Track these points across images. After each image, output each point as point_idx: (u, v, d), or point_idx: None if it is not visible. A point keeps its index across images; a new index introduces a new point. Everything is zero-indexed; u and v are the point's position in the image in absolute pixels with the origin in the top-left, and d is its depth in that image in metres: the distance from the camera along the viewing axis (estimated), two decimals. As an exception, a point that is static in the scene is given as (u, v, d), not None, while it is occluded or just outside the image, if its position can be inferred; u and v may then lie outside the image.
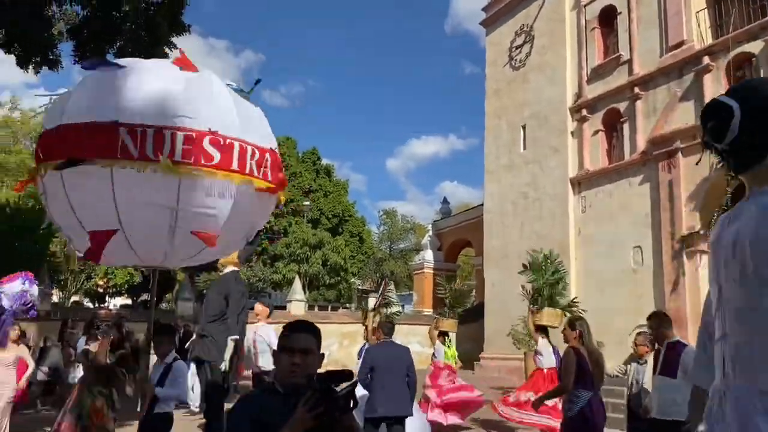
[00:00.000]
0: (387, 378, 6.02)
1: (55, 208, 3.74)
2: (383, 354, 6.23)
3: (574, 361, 5.18)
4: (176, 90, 3.63)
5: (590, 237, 15.88)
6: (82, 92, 3.62)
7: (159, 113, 3.49)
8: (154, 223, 3.65)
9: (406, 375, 6.11)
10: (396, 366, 6.13)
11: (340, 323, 19.93)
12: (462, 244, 26.34)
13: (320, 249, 29.29)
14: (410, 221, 54.54)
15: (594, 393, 5.11)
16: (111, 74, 3.60)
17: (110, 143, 3.35)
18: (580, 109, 16.59)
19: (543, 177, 17.41)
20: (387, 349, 6.30)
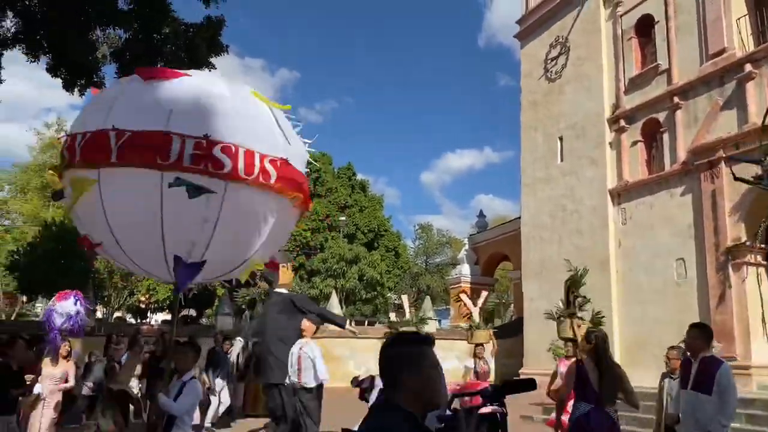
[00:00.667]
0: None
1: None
2: None
3: (573, 373, 5.34)
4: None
5: (631, 249, 15.58)
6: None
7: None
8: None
9: None
10: None
11: (378, 338, 19.87)
12: (499, 257, 26.11)
13: (356, 264, 29.37)
14: (446, 235, 54.49)
15: (596, 407, 5.01)
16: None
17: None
18: (618, 119, 16.36)
19: (581, 189, 17.19)
20: None
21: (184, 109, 3.54)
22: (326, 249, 32.01)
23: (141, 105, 3.61)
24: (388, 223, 37.86)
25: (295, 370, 7.49)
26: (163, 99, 3.58)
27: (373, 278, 28.97)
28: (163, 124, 3.45)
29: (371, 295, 30.02)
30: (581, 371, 5.26)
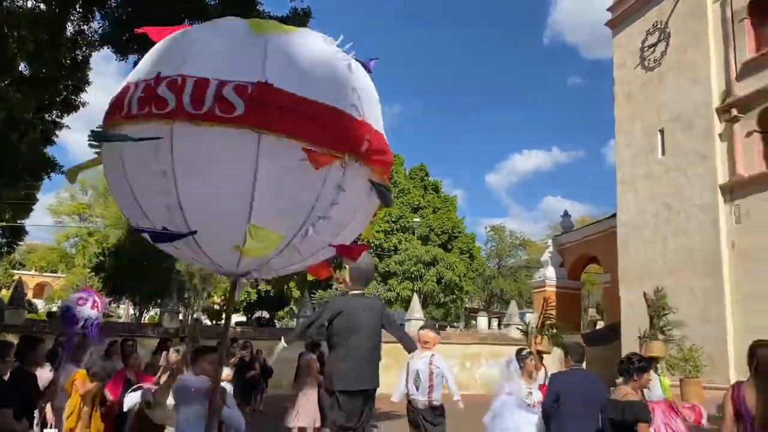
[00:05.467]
0: (572, 409, 5.12)
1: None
2: (571, 382, 5.33)
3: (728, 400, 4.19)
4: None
5: (748, 250, 14.17)
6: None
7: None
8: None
9: (600, 411, 5.20)
10: (585, 397, 5.20)
11: (462, 344, 19.11)
12: (586, 260, 24.77)
13: (434, 266, 28.60)
14: (519, 237, 52.94)
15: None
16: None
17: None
18: (729, 109, 14.97)
19: (687, 185, 15.85)
20: (575, 376, 5.41)
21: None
22: (401, 251, 31.38)
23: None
24: (461, 225, 36.88)
25: (425, 387, 6.78)
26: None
27: (451, 281, 28.11)
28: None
29: (450, 299, 29.19)
30: (737, 397, 4.19)
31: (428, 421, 6.72)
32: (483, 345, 19.65)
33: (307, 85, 2.77)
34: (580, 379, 5.32)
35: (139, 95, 2.77)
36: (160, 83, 2.74)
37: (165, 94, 2.68)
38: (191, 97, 2.64)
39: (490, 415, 6.39)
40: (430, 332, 7.04)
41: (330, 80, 2.91)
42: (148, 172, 2.81)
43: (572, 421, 5.11)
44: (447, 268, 28.42)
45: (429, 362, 6.79)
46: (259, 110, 2.64)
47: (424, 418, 6.73)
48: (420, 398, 6.75)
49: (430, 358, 6.83)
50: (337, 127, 2.78)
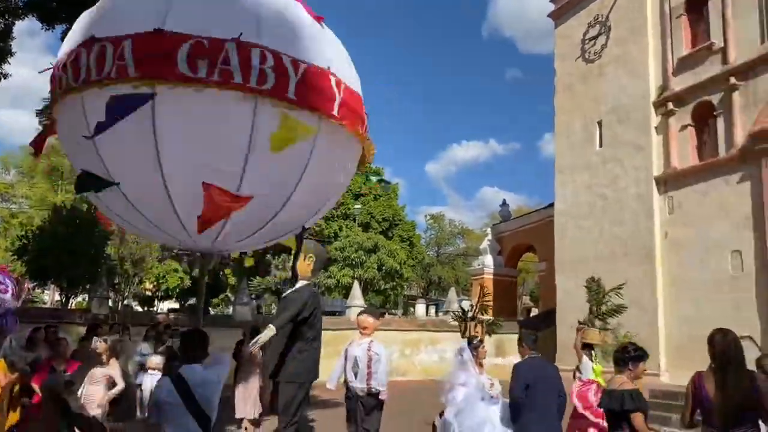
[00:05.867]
0: (541, 399, 5.18)
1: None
2: (537, 371, 5.34)
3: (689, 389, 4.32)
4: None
5: (679, 241, 14.64)
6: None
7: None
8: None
9: (558, 397, 5.28)
10: (550, 386, 5.27)
11: (402, 330, 19.06)
12: (524, 248, 25.21)
13: (375, 253, 28.51)
14: (458, 226, 53.60)
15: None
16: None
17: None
18: (665, 102, 15.37)
19: (623, 176, 16.23)
20: (538, 365, 5.40)
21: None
22: (341, 237, 31.13)
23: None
24: (402, 213, 36.94)
25: (364, 374, 6.56)
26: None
27: (392, 268, 28.09)
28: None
29: (390, 286, 29.18)
30: (698, 387, 4.19)
31: (365, 408, 6.52)
32: (423, 332, 19.69)
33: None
34: (543, 368, 5.38)
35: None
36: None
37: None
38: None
39: (452, 410, 6.23)
40: (369, 317, 6.82)
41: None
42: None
43: (541, 410, 5.15)
44: (388, 256, 28.38)
45: (368, 348, 6.58)
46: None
47: (362, 405, 6.53)
48: (358, 385, 6.53)
49: (368, 344, 6.63)
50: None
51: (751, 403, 3.82)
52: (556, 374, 5.49)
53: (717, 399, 3.93)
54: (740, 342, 4.05)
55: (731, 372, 3.90)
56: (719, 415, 3.90)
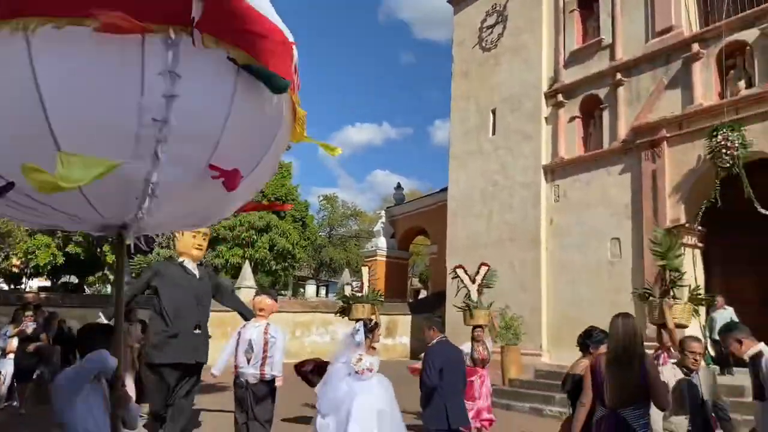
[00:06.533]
0: (453, 381, 5.16)
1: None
2: (449, 354, 5.29)
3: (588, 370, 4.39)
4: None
5: (563, 227, 15.31)
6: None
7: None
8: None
9: (462, 381, 5.29)
10: (458, 368, 5.30)
11: (293, 312, 18.71)
12: (416, 231, 25.53)
13: (267, 233, 27.75)
14: (351, 208, 53.60)
15: (610, 411, 3.99)
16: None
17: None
18: (555, 94, 15.94)
19: (514, 164, 16.72)
20: (449, 348, 5.36)
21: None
22: (231, 216, 30.06)
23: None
24: (296, 192, 36.26)
25: (258, 359, 6.18)
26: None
27: (284, 248, 27.46)
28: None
29: (281, 266, 28.55)
30: (596, 370, 4.31)
31: (256, 396, 6.19)
32: (314, 313, 19.46)
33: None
34: (453, 350, 5.33)
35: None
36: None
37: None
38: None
39: (320, 384, 6.07)
40: (267, 299, 6.47)
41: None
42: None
43: (454, 392, 5.12)
44: (280, 236, 27.71)
45: (264, 331, 6.23)
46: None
47: (254, 393, 6.18)
48: (251, 371, 6.16)
49: (265, 327, 6.28)
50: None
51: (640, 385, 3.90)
52: (462, 357, 5.51)
53: (609, 380, 3.99)
54: (637, 326, 4.11)
55: (625, 355, 3.95)
56: (610, 396, 3.97)
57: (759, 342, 4.50)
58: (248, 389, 6.17)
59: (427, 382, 5.04)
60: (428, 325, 5.42)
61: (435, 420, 5.06)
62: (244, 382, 6.19)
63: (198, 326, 6.46)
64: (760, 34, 11.79)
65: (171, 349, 6.27)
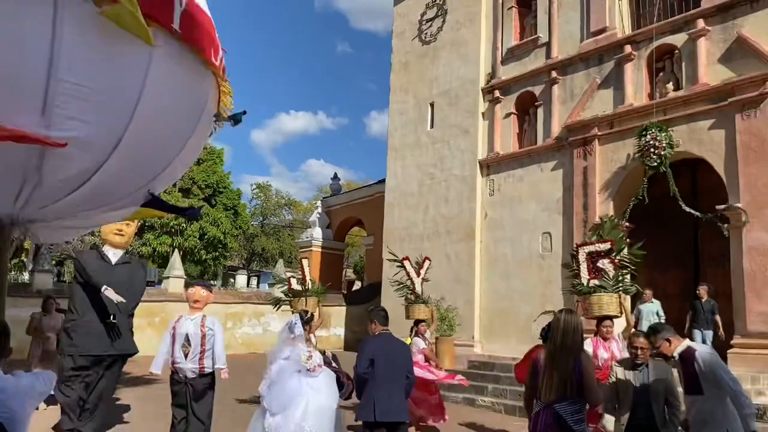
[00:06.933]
0: (386, 372, 5.08)
1: None
2: (383, 346, 5.21)
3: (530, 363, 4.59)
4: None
5: (497, 221, 15.57)
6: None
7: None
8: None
9: (406, 376, 5.20)
10: (394, 360, 5.20)
11: (224, 303, 18.27)
12: (352, 222, 25.44)
13: (197, 221, 27.04)
14: (285, 197, 52.93)
15: (545, 406, 4.08)
16: None
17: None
18: (492, 90, 16.16)
19: (451, 158, 16.86)
20: (384, 340, 5.27)
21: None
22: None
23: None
24: (227, 180, 35.44)
25: (196, 354, 5.94)
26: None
27: (215, 237, 26.84)
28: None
29: (212, 256, 27.89)
30: (536, 363, 4.36)
31: (195, 391, 5.97)
32: (246, 304, 19.08)
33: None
34: (389, 343, 5.24)
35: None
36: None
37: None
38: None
39: (266, 383, 5.91)
40: (202, 290, 6.23)
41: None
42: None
43: (385, 384, 5.04)
44: (211, 224, 27.07)
45: (201, 324, 6.01)
46: None
47: (193, 388, 5.96)
48: (189, 366, 5.95)
49: (201, 320, 6.06)
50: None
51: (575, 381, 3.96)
52: (403, 350, 5.44)
53: (546, 375, 4.04)
54: (578, 323, 4.17)
55: (563, 351, 4.00)
56: (546, 391, 4.02)
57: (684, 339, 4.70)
58: (186, 384, 5.95)
59: (356, 373, 5.05)
60: (371, 318, 5.38)
61: (364, 411, 5.03)
62: (182, 378, 5.96)
63: (113, 315, 6.21)
64: (687, 38, 12.28)
65: (80, 339, 6.07)
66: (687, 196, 11.82)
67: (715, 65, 11.83)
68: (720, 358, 4.37)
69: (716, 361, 4.26)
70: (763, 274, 10.61)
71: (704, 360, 4.26)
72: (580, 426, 3.93)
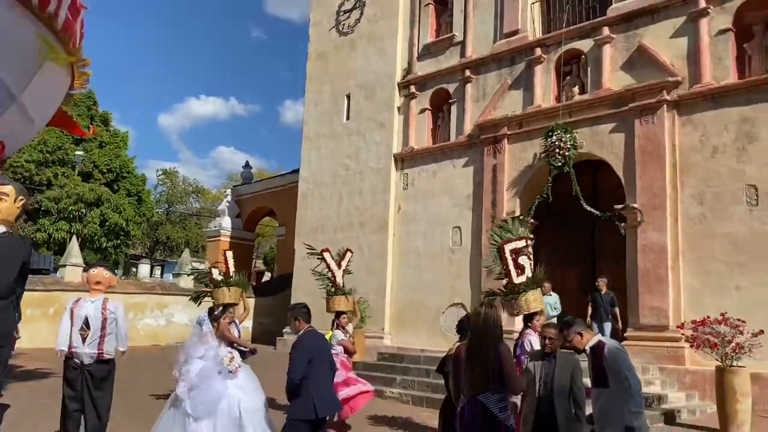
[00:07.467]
0: (321, 371, 5.10)
1: None
2: (317, 343, 5.20)
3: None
4: None
5: (410, 214, 15.79)
6: None
7: None
8: None
9: (330, 369, 5.21)
10: (326, 357, 5.26)
11: (126, 293, 17.49)
12: (264, 212, 25.01)
13: (98, 207, 25.68)
14: (193, 184, 51.31)
15: (469, 399, 4.21)
16: None
17: None
18: (408, 85, 16.34)
19: (366, 150, 16.91)
20: (317, 338, 5.26)
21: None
22: (56, 186, 27.45)
23: None
24: (131, 164, 33.90)
25: (96, 338, 5.64)
26: None
27: (117, 224, 25.57)
28: None
29: (113, 244, 26.58)
30: (458, 358, 4.46)
31: (94, 378, 5.66)
32: (150, 295, 18.37)
33: None
34: (319, 340, 5.26)
35: None
36: None
37: None
38: None
39: (185, 385, 5.71)
40: (105, 271, 5.93)
41: None
42: None
43: (321, 380, 5.06)
44: (113, 210, 25.80)
45: (102, 307, 5.73)
46: None
47: (91, 375, 5.65)
48: (87, 351, 5.63)
49: (103, 302, 5.77)
50: None
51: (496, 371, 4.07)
52: (327, 344, 5.50)
53: (467, 368, 4.14)
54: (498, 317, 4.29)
55: (483, 343, 4.12)
56: (469, 383, 4.12)
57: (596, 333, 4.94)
58: (83, 371, 5.63)
59: (295, 374, 4.94)
60: (294, 315, 5.29)
61: (303, 410, 4.98)
62: (79, 363, 5.64)
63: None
64: (594, 44, 12.89)
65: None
66: (588, 196, 12.43)
67: (618, 72, 12.50)
68: (626, 354, 4.57)
69: (621, 356, 4.47)
70: (655, 271, 11.35)
71: (611, 353, 4.47)
72: (504, 414, 4.06)
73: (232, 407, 5.30)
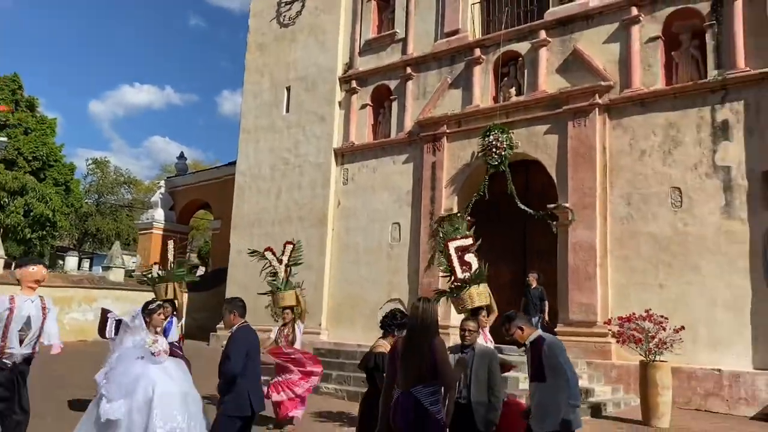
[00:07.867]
0: (254, 365, 5.14)
1: None
2: (251, 337, 5.21)
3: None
4: None
5: (350, 210, 15.80)
6: None
7: None
8: None
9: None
10: (259, 353, 5.32)
11: (52, 287, 16.75)
12: (198, 205, 24.47)
13: (22, 196, 24.47)
14: (124, 174, 49.64)
15: (402, 392, 4.28)
16: None
17: None
18: (349, 80, 16.32)
19: (306, 144, 16.80)
20: (251, 333, 5.25)
21: None
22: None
23: None
24: (59, 152, 32.42)
25: (34, 337, 5.41)
26: None
27: (42, 215, 24.44)
28: None
29: (38, 235, 25.39)
30: (394, 352, 4.48)
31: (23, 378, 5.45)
32: (77, 288, 17.71)
33: None
34: (255, 336, 5.26)
35: None
36: None
37: None
38: None
39: (102, 372, 5.55)
40: (44, 269, 5.70)
41: None
42: None
43: (254, 376, 5.11)
44: (38, 200, 24.65)
45: (42, 306, 5.52)
46: None
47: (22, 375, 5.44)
48: (24, 352, 5.42)
49: (41, 301, 5.55)
50: None
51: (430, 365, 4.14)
52: (258, 340, 5.43)
53: (403, 361, 4.20)
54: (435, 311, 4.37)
55: (418, 337, 4.19)
56: (404, 376, 4.18)
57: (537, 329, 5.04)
58: (15, 372, 5.37)
59: (231, 369, 4.90)
60: (230, 310, 5.24)
61: (239, 406, 4.97)
62: (11, 365, 5.36)
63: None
64: (531, 47, 13.23)
65: None
66: (521, 195, 12.75)
67: (554, 75, 12.87)
68: (564, 349, 4.69)
69: (560, 350, 4.59)
70: (584, 268, 11.77)
71: (550, 347, 4.57)
72: (435, 407, 4.15)
73: (147, 389, 5.15)
